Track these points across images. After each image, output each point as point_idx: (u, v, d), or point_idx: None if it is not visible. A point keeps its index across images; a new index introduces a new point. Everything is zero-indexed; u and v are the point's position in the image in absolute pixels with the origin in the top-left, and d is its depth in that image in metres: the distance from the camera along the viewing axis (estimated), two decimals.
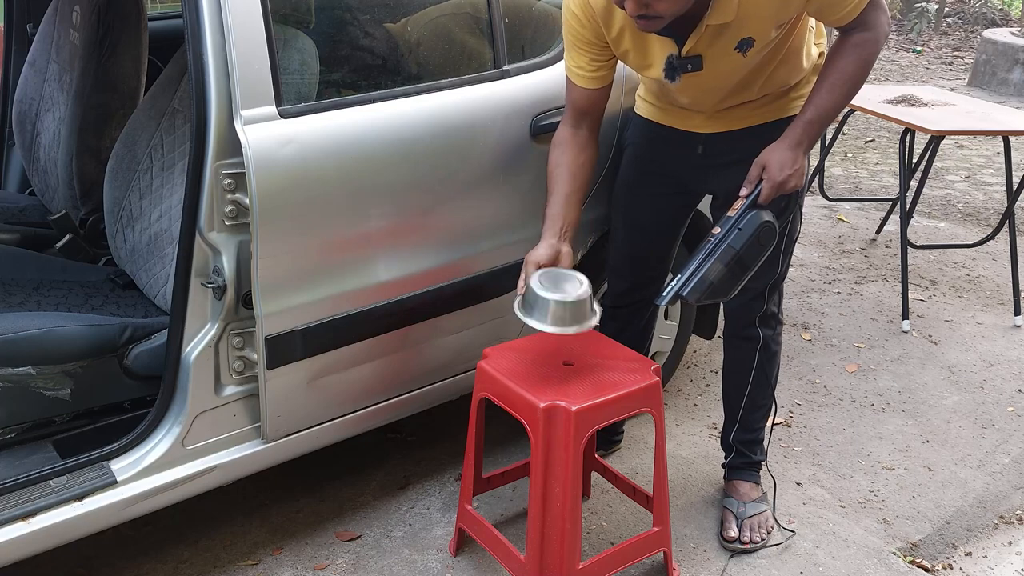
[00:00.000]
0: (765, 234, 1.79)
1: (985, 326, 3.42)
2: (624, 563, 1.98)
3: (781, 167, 1.80)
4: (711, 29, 1.75)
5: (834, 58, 1.80)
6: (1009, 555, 2.25)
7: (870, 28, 1.77)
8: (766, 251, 1.82)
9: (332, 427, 2.05)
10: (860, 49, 1.78)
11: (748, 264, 1.81)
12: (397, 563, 2.11)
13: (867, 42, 1.78)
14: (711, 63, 1.81)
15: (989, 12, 11.62)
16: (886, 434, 2.70)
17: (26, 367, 1.81)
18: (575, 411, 1.75)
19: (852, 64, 1.79)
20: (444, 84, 2.02)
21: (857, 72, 1.79)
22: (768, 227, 1.80)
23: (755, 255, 1.81)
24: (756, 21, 1.74)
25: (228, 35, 1.67)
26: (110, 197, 2.27)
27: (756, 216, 1.79)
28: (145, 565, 2.08)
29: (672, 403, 2.81)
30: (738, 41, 1.77)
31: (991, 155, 5.87)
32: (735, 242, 1.77)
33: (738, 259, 1.78)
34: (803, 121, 1.82)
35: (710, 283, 1.77)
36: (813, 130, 1.82)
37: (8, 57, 2.89)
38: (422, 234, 2.01)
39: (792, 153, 1.81)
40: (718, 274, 1.78)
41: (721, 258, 1.77)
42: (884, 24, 1.79)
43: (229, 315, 1.81)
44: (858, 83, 1.81)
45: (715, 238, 1.80)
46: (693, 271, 1.79)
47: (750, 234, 1.77)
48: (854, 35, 1.78)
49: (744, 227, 1.78)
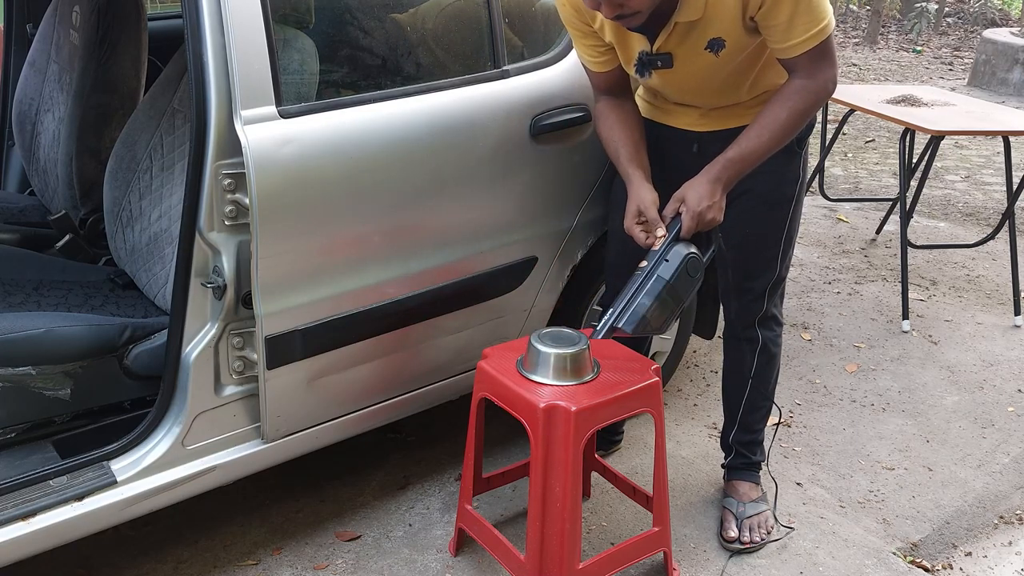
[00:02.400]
0: (692, 265, 1.78)
1: (985, 326, 3.42)
2: (624, 563, 1.98)
3: (700, 199, 1.79)
4: (680, 27, 1.77)
5: (771, 102, 1.80)
6: (1009, 555, 2.25)
7: (811, 77, 1.77)
8: (696, 283, 1.81)
9: (332, 427, 2.05)
10: (796, 98, 1.78)
11: (680, 295, 1.79)
12: (397, 563, 2.11)
13: (805, 91, 1.77)
14: (682, 62, 1.83)
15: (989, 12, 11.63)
16: (886, 434, 2.70)
17: (26, 367, 1.81)
18: (575, 411, 1.76)
19: (785, 112, 1.78)
20: (444, 84, 2.02)
21: (789, 120, 1.78)
22: (694, 258, 1.79)
23: (686, 286, 1.79)
24: (723, 22, 1.75)
25: (228, 35, 1.67)
26: (110, 197, 2.27)
27: (680, 248, 1.79)
28: (145, 565, 2.08)
29: (672, 403, 2.81)
30: (708, 41, 1.78)
31: (991, 155, 5.87)
32: (664, 272, 1.76)
33: (670, 289, 1.77)
34: (724, 159, 1.80)
35: (643, 316, 1.77)
36: (733, 168, 1.80)
37: (8, 57, 2.89)
38: (422, 234, 2.01)
39: (710, 187, 1.80)
40: (651, 307, 1.77)
41: (652, 290, 1.76)
42: (826, 77, 1.77)
43: (229, 315, 1.81)
44: (788, 130, 1.80)
45: (642, 271, 1.79)
46: (626, 303, 1.79)
47: (678, 264, 1.76)
48: (794, 81, 1.79)
49: (671, 259, 1.77)
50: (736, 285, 2.13)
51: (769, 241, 2.06)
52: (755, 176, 1.96)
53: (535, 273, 2.25)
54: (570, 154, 2.20)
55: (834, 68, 1.79)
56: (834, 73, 1.79)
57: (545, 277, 2.28)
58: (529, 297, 2.27)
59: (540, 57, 2.19)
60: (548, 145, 2.15)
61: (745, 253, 2.07)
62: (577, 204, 2.27)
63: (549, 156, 2.17)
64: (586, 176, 2.25)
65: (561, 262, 2.30)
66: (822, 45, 1.73)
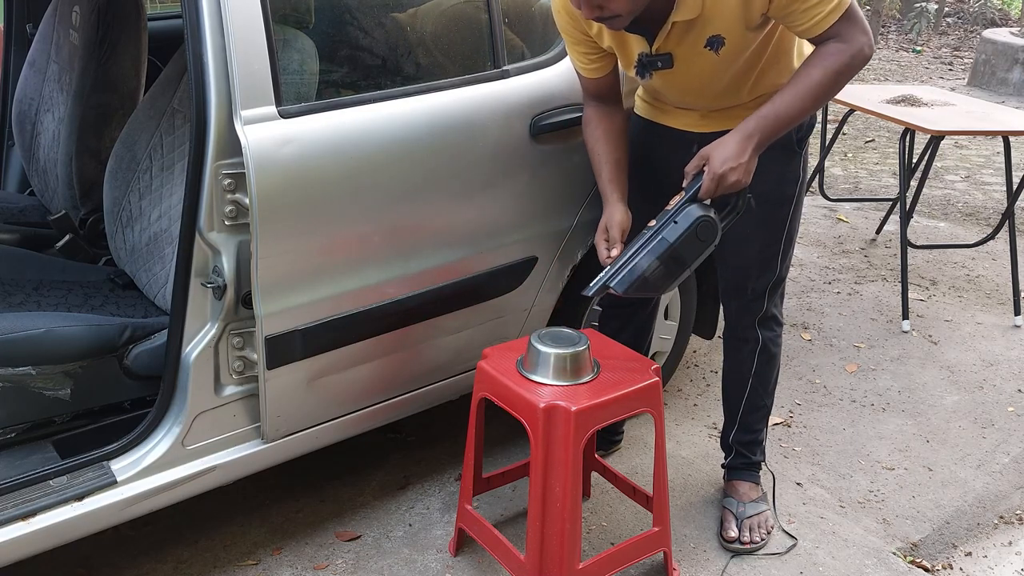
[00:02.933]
0: (703, 229, 1.72)
1: (985, 326, 3.42)
2: (624, 563, 1.98)
3: (724, 160, 1.73)
4: (678, 26, 1.76)
5: (804, 65, 1.76)
6: (1009, 555, 2.25)
7: (844, 41, 1.71)
8: (706, 247, 1.75)
9: (332, 427, 2.05)
10: (830, 59, 1.72)
11: (686, 259, 1.74)
12: (397, 563, 2.11)
13: (838, 52, 1.71)
14: (683, 62, 1.82)
15: (989, 12, 11.63)
16: (886, 434, 2.70)
17: (26, 367, 1.81)
18: (575, 411, 1.76)
19: (819, 72, 1.72)
20: (444, 84, 2.02)
21: (823, 80, 1.72)
22: (706, 223, 1.72)
23: (693, 250, 1.74)
24: (722, 19, 1.74)
25: (228, 35, 1.67)
26: (110, 197, 2.27)
27: (693, 210, 1.72)
28: (145, 565, 2.08)
29: (672, 403, 2.81)
30: (707, 39, 1.77)
31: (991, 155, 5.87)
32: (669, 235, 1.71)
33: (672, 253, 1.71)
34: (758, 115, 1.75)
35: (640, 276, 1.72)
36: (767, 126, 1.74)
37: (8, 57, 2.89)
38: (422, 234, 2.01)
39: (739, 146, 1.73)
40: (650, 268, 1.72)
41: (653, 251, 1.72)
42: (860, 42, 1.71)
43: (229, 315, 1.81)
44: (823, 91, 1.74)
45: (650, 231, 1.74)
46: (624, 262, 1.74)
47: (686, 228, 1.71)
48: (827, 45, 1.73)
49: (680, 220, 1.72)
50: (736, 285, 2.13)
51: (769, 241, 2.05)
52: (756, 176, 1.95)
53: (535, 273, 2.25)
54: (570, 154, 2.20)
55: (867, 35, 1.72)
56: (868, 39, 1.72)
57: (545, 277, 2.28)
58: (529, 297, 2.27)
59: (540, 57, 2.19)
60: (548, 145, 2.15)
61: (745, 253, 2.07)
62: (577, 204, 2.27)
63: (549, 156, 2.17)
64: (586, 176, 2.24)
65: (561, 262, 2.30)
66: (848, 13, 1.69)
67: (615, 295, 1.78)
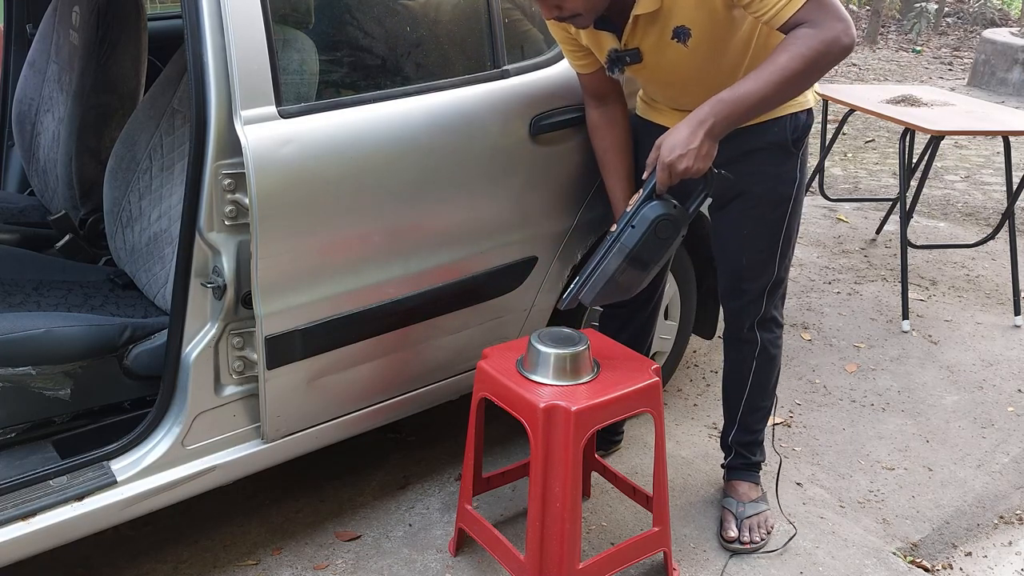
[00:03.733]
0: (663, 228, 1.70)
1: (985, 326, 3.42)
2: (624, 563, 1.98)
3: (671, 148, 1.66)
4: (641, 20, 1.76)
5: (775, 49, 1.66)
6: (1009, 555, 2.25)
7: (814, 26, 1.61)
8: (670, 243, 1.74)
9: (332, 427, 2.05)
10: (799, 42, 1.61)
11: (650, 260, 1.74)
12: (397, 563, 2.11)
13: (807, 36, 1.61)
14: (652, 55, 1.82)
15: (988, 12, 11.63)
16: (886, 434, 2.70)
17: (26, 367, 1.81)
18: (575, 411, 1.76)
19: (784, 56, 1.62)
20: (443, 84, 2.02)
21: (789, 64, 1.61)
22: (665, 221, 1.70)
23: (656, 250, 1.73)
24: (684, 9, 1.73)
25: (228, 35, 1.67)
26: (110, 197, 2.27)
27: (651, 210, 1.71)
28: (145, 565, 2.08)
29: (672, 403, 2.81)
30: (673, 30, 1.76)
31: (991, 155, 5.87)
32: (628, 240, 1.71)
33: (634, 257, 1.72)
34: (715, 98, 1.66)
35: (607, 282, 1.73)
36: (723, 109, 1.65)
37: (8, 57, 2.89)
38: (422, 234, 2.01)
39: (689, 131, 1.65)
40: (616, 274, 1.73)
41: (615, 258, 1.72)
42: (835, 28, 1.61)
43: (229, 315, 1.81)
44: (789, 75, 1.62)
45: (611, 236, 1.75)
46: (590, 273, 1.76)
47: (643, 231, 1.70)
48: (796, 30, 1.63)
49: (637, 224, 1.71)
50: (734, 286, 2.12)
51: (767, 242, 2.05)
52: (751, 177, 1.96)
53: (535, 273, 2.25)
54: (570, 154, 2.20)
55: (843, 20, 1.61)
56: (845, 25, 1.61)
57: (545, 277, 2.28)
58: (529, 297, 2.27)
59: (540, 57, 2.19)
60: (548, 145, 2.15)
61: (743, 254, 2.07)
62: (577, 204, 2.27)
63: (549, 156, 2.17)
64: (586, 176, 2.24)
65: (561, 262, 2.30)
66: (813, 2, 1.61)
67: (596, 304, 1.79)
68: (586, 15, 1.71)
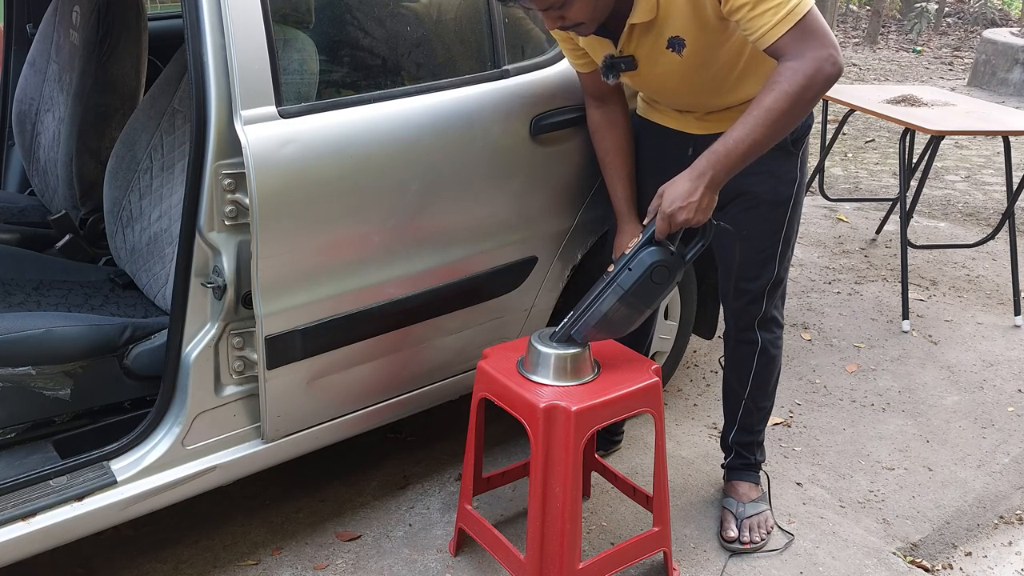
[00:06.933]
0: (658, 274, 1.75)
1: (985, 326, 3.42)
2: (624, 563, 1.98)
3: (672, 200, 1.71)
4: (637, 28, 1.78)
5: (759, 92, 1.67)
6: (1009, 555, 2.25)
7: (799, 58, 1.61)
8: (663, 288, 1.79)
9: (332, 427, 2.05)
10: (784, 81, 1.62)
11: (643, 303, 1.79)
12: (397, 563, 2.11)
13: (792, 72, 1.61)
14: (646, 63, 1.84)
15: (989, 12, 11.64)
16: (886, 434, 2.70)
17: (26, 367, 1.81)
18: (575, 411, 1.76)
19: (771, 97, 1.62)
20: (444, 84, 2.02)
21: (777, 105, 1.62)
22: (661, 267, 1.75)
23: (650, 294, 1.78)
24: (678, 20, 1.74)
25: (228, 35, 1.67)
26: (110, 197, 2.27)
27: (649, 255, 1.75)
28: (145, 565, 2.08)
29: (672, 403, 2.81)
30: (668, 40, 1.77)
31: (991, 155, 5.87)
32: (624, 282, 1.76)
33: (628, 299, 1.77)
34: (709, 152, 1.69)
35: (600, 320, 1.79)
36: (719, 162, 1.68)
37: (8, 57, 2.89)
38: (422, 234, 2.01)
39: (690, 185, 1.70)
40: (609, 314, 1.78)
41: (610, 298, 1.78)
42: (818, 58, 1.60)
43: (229, 315, 1.81)
44: (778, 116, 1.63)
45: (607, 277, 1.80)
46: (583, 310, 1.81)
47: (639, 275, 1.75)
48: (781, 66, 1.64)
49: (634, 267, 1.76)
50: (734, 286, 2.12)
51: (766, 242, 2.05)
52: (751, 177, 1.95)
53: (535, 273, 2.25)
54: (570, 154, 2.20)
55: (827, 48, 1.61)
56: (828, 52, 1.61)
57: (545, 277, 2.28)
58: (529, 297, 2.27)
59: (540, 57, 2.19)
60: (548, 145, 2.15)
61: (742, 254, 2.07)
62: (577, 204, 2.27)
63: (549, 156, 2.17)
64: (586, 176, 2.24)
65: (561, 262, 2.30)
66: (800, 25, 1.60)
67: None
68: (588, 24, 1.72)
